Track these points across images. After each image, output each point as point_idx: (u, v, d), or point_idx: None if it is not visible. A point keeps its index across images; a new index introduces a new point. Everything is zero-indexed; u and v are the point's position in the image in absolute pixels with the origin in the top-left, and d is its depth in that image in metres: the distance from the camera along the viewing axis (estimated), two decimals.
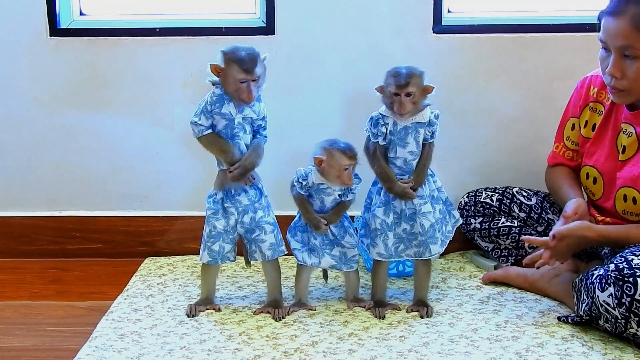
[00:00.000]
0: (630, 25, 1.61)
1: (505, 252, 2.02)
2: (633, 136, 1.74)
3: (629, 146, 1.75)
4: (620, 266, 1.58)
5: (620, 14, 1.63)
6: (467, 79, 2.12)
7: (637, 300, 1.55)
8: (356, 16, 2.09)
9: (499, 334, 1.70)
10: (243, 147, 1.76)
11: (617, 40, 1.64)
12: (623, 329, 1.60)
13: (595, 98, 1.84)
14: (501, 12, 2.16)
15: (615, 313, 1.59)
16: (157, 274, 2.07)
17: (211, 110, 1.74)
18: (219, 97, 1.73)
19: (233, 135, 1.74)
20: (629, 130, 1.75)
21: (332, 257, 1.81)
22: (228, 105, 1.73)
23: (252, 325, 1.75)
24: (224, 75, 1.72)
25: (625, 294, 1.56)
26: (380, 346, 1.65)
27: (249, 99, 1.70)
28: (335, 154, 1.73)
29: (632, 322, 1.57)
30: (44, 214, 2.21)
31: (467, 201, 2.05)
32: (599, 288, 1.61)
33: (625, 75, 1.66)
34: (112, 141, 2.18)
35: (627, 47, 1.63)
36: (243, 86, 1.70)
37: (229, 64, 1.70)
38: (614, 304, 1.58)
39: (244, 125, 1.75)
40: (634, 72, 1.64)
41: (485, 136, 2.16)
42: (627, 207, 1.74)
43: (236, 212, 1.78)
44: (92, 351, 1.64)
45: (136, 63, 2.12)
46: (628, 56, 1.64)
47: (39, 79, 2.13)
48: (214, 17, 2.16)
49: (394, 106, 1.72)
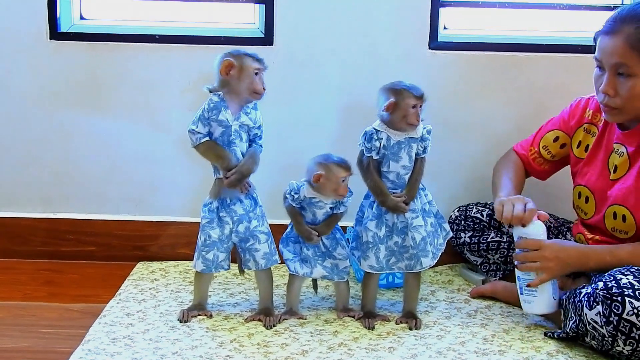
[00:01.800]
0: (625, 44, 1.65)
1: (494, 267, 2.04)
2: (624, 155, 1.77)
3: (620, 165, 1.78)
4: (609, 285, 1.60)
5: (616, 33, 1.67)
6: (461, 95, 2.14)
7: (624, 319, 1.57)
8: (354, 29, 2.11)
9: (486, 347, 1.72)
10: (239, 154, 1.77)
11: (611, 58, 1.67)
12: (610, 347, 1.62)
13: (589, 120, 1.87)
14: (496, 31, 2.19)
15: (603, 331, 1.61)
16: (150, 278, 2.08)
17: (208, 118, 1.75)
18: (216, 104, 1.75)
19: (229, 143, 1.76)
20: (620, 150, 1.78)
21: (324, 268, 1.82)
22: (225, 112, 1.75)
23: (243, 333, 1.76)
24: (237, 71, 1.73)
25: (613, 312, 1.58)
26: (369, 357, 1.66)
27: (263, 90, 1.75)
28: (332, 168, 1.75)
29: (619, 341, 1.59)
30: (39, 215, 2.21)
31: (458, 215, 2.08)
32: (587, 306, 1.63)
33: (619, 94, 1.69)
34: (109, 145, 2.18)
35: (620, 65, 1.66)
36: (257, 77, 1.74)
37: (241, 58, 1.74)
38: (601, 322, 1.60)
39: (240, 132, 1.77)
40: (627, 91, 1.68)
41: (478, 151, 2.18)
42: (616, 225, 1.77)
43: (231, 222, 1.79)
44: (84, 354, 1.64)
45: (135, 68, 2.13)
46: (622, 74, 1.67)
47: (38, 81, 2.14)
48: (214, 26, 2.17)
49: (410, 118, 1.74)
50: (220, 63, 1.74)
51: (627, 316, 1.57)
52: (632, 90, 1.67)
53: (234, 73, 1.73)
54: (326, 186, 1.76)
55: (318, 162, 1.77)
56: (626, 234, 1.76)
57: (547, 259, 1.74)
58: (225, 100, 1.75)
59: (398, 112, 1.74)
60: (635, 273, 1.63)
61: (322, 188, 1.77)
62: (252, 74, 1.74)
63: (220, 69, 1.74)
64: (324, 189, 1.77)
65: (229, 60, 1.73)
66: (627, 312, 1.57)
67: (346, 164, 1.77)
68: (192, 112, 2.12)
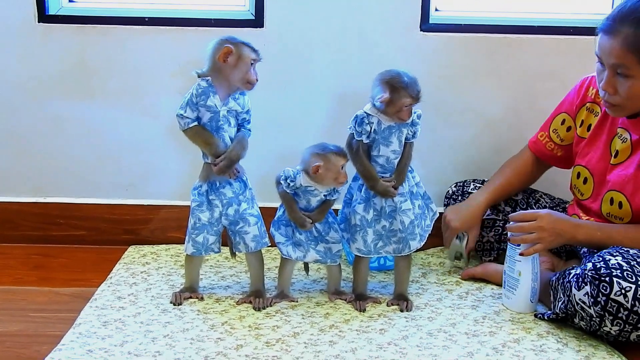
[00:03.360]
0: (623, 46, 1.63)
1: (488, 246, 2.05)
2: (627, 142, 1.76)
3: (622, 151, 1.78)
4: (597, 265, 1.61)
5: (614, 33, 1.64)
6: (452, 78, 2.14)
7: (612, 299, 1.58)
8: (344, 11, 2.10)
9: (477, 329, 1.73)
10: (227, 139, 1.77)
11: (610, 58, 1.66)
12: (597, 327, 1.63)
13: (592, 99, 1.87)
14: (488, 12, 2.18)
15: (591, 311, 1.62)
16: (141, 262, 2.08)
17: (196, 103, 1.74)
18: (204, 90, 1.74)
19: (218, 128, 1.75)
20: (624, 135, 1.78)
21: (317, 252, 1.83)
22: (213, 98, 1.74)
23: (234, 315, 1.77)
24: (235, 59, 1.72)
25: (601, 293, 1.59)
26: (360, 338, 1.67)
27: (256, 81, 1.74)
28: (331, 158, 1.74)
29: (606, 321, 1.60)
30: (29, 200, 2.21)
31: (455, 191, 2.08)
32: (575, 287, 1.64)
33: (618, 92, 1.68)
34: (99, 129, 2.17)
35: (619, 66, 1.66)
36: (252, 68, 1.73)
37: (240, 46, 1.72)
38: (589, 303, 1.61)
39: (229, 118, 1.76)
40: (625, 90, 1.67)
41: (469, 134, 2.18)
42: (612, 211, 1.78)
43: (220, 205, 1.79)
44: (76, 337, 1.65)
45: (125, 52, 2.12)
46: (620, 74, 1.66)
47: (27, 65, 2.12)
48: (204, 8, 2.15)
49: (402, 115, 1.73)
50: (215, 48, 1.72)
51: (614, 296, 1.58)
52: (630, 90, 1.67)
53: (231, 60, 1.72)
54: (326, 176, 1.75)
55: (315, 152, 1.75)
56: (621, 219, 1.77)
57: (542, 229, 1.75)
58: (214, 85, 1.74)
59: (391, 107, 1.73)
60: (624, 254, 1.64)
61: (321, 178, 1.76)
62: (248, 64, 1.73)
63: (217, 54, 1.71)
64: (324, 179, 1.76)
65: (228, 47, 1.71)
66: (614, 292, 1.58)
67: (343, 152, 1.77)
68: (182, 95, 2.13)
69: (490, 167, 2.09)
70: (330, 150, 1.75)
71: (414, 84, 1.73)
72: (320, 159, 1.74)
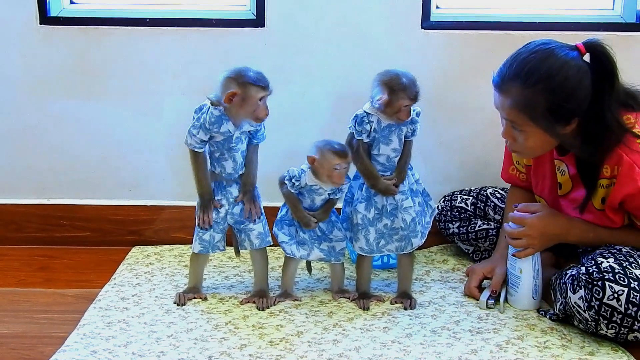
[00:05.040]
0: (511, 105, 1.62)
1: (486, 254, 2.04)
2: (566, 175, 1.76)
3: (564, 184, 1.78)
4: (590, 269, 1.60)
5: (503, 91, 1.63)
6: (454, 75, 2.14)
7: (605, 304, 1.57)
8: (345, 10, 2.10)
9: (481, 326, 1.73)
10: (239, 158, 1.78)
11: (502, 113, 1.67)
12: (594, 330, 1.63)
13: None
14: (489, 9, 2.18)
15: (586, 315, 1.61)
16: (145, 262, 2.09)
17: (210, 129, 1.74)
18: (217, 118, 1.73)
19: (230, 148, 1.77)
20: (562, 168, 1.77)
21: (321, 250, 1.83)
22: (227, 125, 1.74)
23: (238, 315, 1.77)
24: (240, 100, 1.69)
25: (594, 297, 1.58)
26: (364, 337, 1.68)
27: (266, 115, 1.72)
28: (326, 154, 1.74)
29: (601, 325, 1.60)
30: (33, 201, 2.21)
31: (444, 206, 2.07)
32: (570, 289, 1.64)
33: (517, 141, 1.69)
34: (102, 130, 2.18)
35: (511, 122, 1.66)
36: (261, 103, 1.71)
37: (245, 87, 1.69)
38: (584, 307, 1.60)
39: (242, 137, 1.78)
40: (523, 142, 1.68)
41: (471, 132, 2.18)
42: None
43: (227, 203, 1.80)
44: (80, 338, 1.65)
45: (126, 53, 2.12)
46: (515, 128, 1.66)
47: (29, 66, 2.13)
48: (205, 8, 2.16)
49: (401, 115, 1.73)
50: (222, 85, 1.70)
51: (607, 301, 1.57)
52: (526, 143, 1.67)
53: (236, 101, 1.70)
54: (320, 171, 1.76)
55: (316, 145, 1.76)
56: None
57: (531, 237, 1.75)
58: (226, 114, 1.73)
59: (390, 108, 1.73)
60: (617, 255, 1.64)
61: (317, 172, 1.76)
62: (256, 102, 1.71)
63: (223, 96, 1.70)
64: (319, 174, 1.76)
65: (231, 91, 1.69)
66: (607, 296, 1.57)
67: (342, 152, 1.75)
68: (185, 96, 2.13)
69: (492, 164, 2.10)
70: (329, 146, 1.75)
71: (412, 85, 1.73)
72: (317, 152, 1.75)
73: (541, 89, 1.59)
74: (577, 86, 1.59)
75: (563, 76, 1.59)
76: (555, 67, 1.59)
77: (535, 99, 1.60)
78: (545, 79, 1.59)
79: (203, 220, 1.79)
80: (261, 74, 1.72)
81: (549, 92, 1.59)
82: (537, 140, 1.66)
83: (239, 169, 1.80)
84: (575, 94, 1.60)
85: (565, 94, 1.59)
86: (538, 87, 1.59)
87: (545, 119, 1.61)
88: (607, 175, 1.67)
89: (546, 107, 1.60)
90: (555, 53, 1.61)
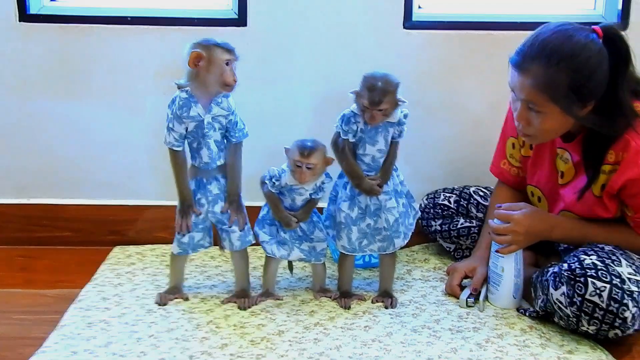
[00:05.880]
0: (533, 84, 1.61)
1: (467, 252, 2.05)
2: (570, 163, 1.77)
3: (567, 172, 1.78)
4: (572, 266, 1.62)
5: (524, 70, 1.62)
6: (436, 74, 2.15)
7: (587, 300, 1.59)
8: (328, 10, 2.11)
9: (461, 325, 1.74)
10: (213, 146, 1.76)
11: (521, 94, 1.65)
12: (575, 327, 1.64)
13: None
14: (470, 9, 2.20)
15: (567, 311, 1.63)
16: (126, 262, 2.08)
17: (180, 115, 1.73)
18: (185, 101, 1.72)
19: (203, 135, 1.75)
20: (565, 156, 1.78)
21: (302, 250, 1.84)
22: (195, 108, 1.72)
23: (219, 315, 1.77)
24: (206, 63, 1.68)
25: (576, 293, 1.60)
26: (345, 336, 1.69)
27: (235, 81, 1.70)
28: (292, 148, 1.75)
29: (583, 321, 1.62)
30: (13, 201, 2.20)
31: (427, 203, 2.09)
32: (552, 286, 1.65)
33: (531, 124, 1.68)
34: (83, 129, 2.17)
35: (530, 102, 1.64)
36: (228, 68, 1.69)
37: (210, 49, 1.68)
38: (566, 303, 1.62)
39: (214, 124, 1.76)
40: (539, 124, 1.67)
41: (454, 131, 2.20)
42: None
43: (206, 202, 1.80)
44: (60, 339, 1.65)
45: (107, 51, 2.12)
46: (532, 109, 1.66)
47: (8, 65, 2.12)
48: (186, 7, 2.16)
49: (365, 116, 1.74)
50: (188, 54, 1.70)
51: (589, 297, 1.59)
52: (543, 125, 1.67)
53: (202, 65, 1.69)
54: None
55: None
56: None
57: (517, 233, 1.76)
58: (194, 95, 1.72)
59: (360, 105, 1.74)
60: (599, 252, 1.65)
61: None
62: (222, 65, 1.69)
63: (188, 60, 1.69)
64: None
65: (196, 51, 1.68)
66: (589, 292, 1.58)
67: (305, 149, 1.72)
68: (167, 95, 2.11)
69: (475, 162, 2.11)
70: (299, 142, 1.73)
71: (374, 91, 1.69)
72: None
73: (564, 68, 1.58)
74: (597, 67, 1.59)
75: (586, 56, 1.58)
76: (578, 47, 1.58)
77: (558, 77, 1.59)
78: (569, 58, 1.58)
79: (181, 226, 1.79)
80: (226, 42, 1.71)
81: (572, 70, 1.58)
82: (555, 122, 1.66)
83: (216, 159, 1.77)
84: (596, 74, 1.59)
85: (587, 73, 1.59)
86: (561, 66, 1.58)
87: (567, 99, 1.60)
88: (611, 161, 1.67)
89: (568, 86, 1.59)
90: (576, 34, 1.60)
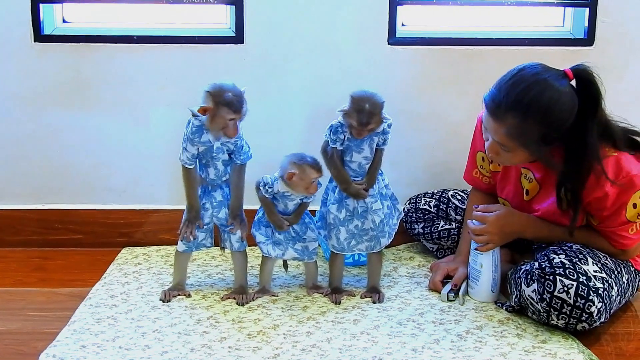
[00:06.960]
0: (506, 133, 1.64)
1: (449, 252, 2.13)
2: (534, 182, 1.83)
3: (531, 190, 1.84)
4: (542, 265, 1.69)
5: (499, 119, 1.64)
6: (418, 87, 2.21)
7: (556, 296, 1.67)
8: (319, 28, 2.17)
9: (443, 317, 1.81)
10: (220, 165, 1.86)
11: (494, 136, 1.68)
12: (546, 321, 1.72)
13: None
14: (450, 27, 2.27)
15: (538, 307, 1.70)
16: (133, 262, 2.14)
17: (192, 139, 1.82)
18: (197, 128, 1.80)
19: (212, 157, 1.85)
20: (529, 175, 1.84)
21: (295, 250, 1.91)
22: (206, 135, 1.80)
23: (219, 310, 1.84)
24: (211, 115, 1.76)
25: (546, 290, 1.67)
26: (335, 329, 1.75)
27: (235, 134, 1.78)
28: (306, 169, 1.81)
29: (552, 316, 1.69)
30: (29, 207, 2.26)
31: (410, 208, 2.15)
32: (524, 283, 1.73)
33: (500, 155, 1.73)
34: (94, 139, 2.24)
35: (502, 145, 1.68)
36: (230, 124, 1.76)
37: (218, 106, 1.74)
38: (537, 299, 1.70)
39: (222, 148, 1.85)
40: (508, 159, 1.74)
41: (435, 139, 2.25)
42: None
43: (211, 207, 1.89)
44: (70, 334, 1.71)
45: (116, 67, 2.19)
46: (502, 148, 1.69)
47: (25, 80, 2.19)
48: (188, 26, 2.24)
49: (352, 132, 1.81)
50: (203, 98, 1.76)
51: (558, 294, 1.66)
52: (511, 160, 1.74)
53: (208, 116, 1.76)
54: (299, 185, 1.82)
55: (293, 161, 1.81)
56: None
57: (491, 233, 1.85)
58: (205, 126, 1.80)
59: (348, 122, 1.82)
60: (568, 251, 1.73)
61: (294, 186, 1.83)
62: (225, 122, 1.76)
63: (199, 107, 1.76)
64: (296, 187, 1.83)
65: (204, 106, 1.75)
66: (557, 289, 1.66)
67: (319, 166, 1.83)
68: (170, 107, 2.20)
69: (454, 168, 2.17)
70: (307, 162, 1.82)
71: (363, 111, 1.75)
72: (296, 168, 1.82)
73: (538, 121, 1.61)
74: (569, 116, 1.62)
75: (559, 109, 1.61)
76: (553, 101, 1.60)
77: (531, 130, 1.62)
78: (543, 113, 1.60)
79: (185, 234, 1.87)
80: (238, 96, 1.76)
81: (546, 124, 1.61)
82: (522, 158, 1.72)
83: (222, 176, 1.88)
84: (567, 122, 1.62)
85: (559, 124, 1.62)
86: (536, 119, 1.61)
87: (536, 145, 1.64)
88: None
89: (539, 136, 1.63)
90: (550, 84, 1.61)
